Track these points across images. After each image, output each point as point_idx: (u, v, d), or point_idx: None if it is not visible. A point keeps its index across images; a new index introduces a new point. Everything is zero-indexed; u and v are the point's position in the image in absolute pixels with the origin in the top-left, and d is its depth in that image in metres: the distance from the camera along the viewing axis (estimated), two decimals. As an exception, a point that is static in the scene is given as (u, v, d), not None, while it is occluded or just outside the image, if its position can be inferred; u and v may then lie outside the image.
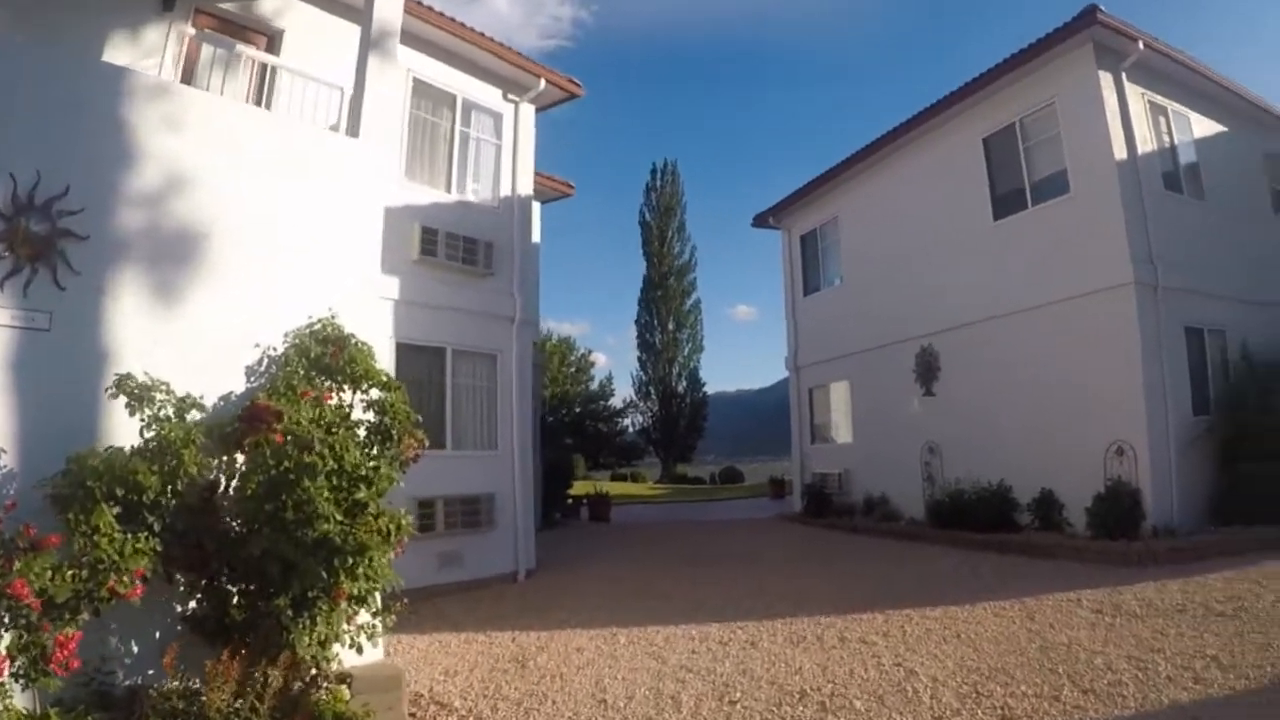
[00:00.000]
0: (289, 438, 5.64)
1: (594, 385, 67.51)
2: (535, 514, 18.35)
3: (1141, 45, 13.18)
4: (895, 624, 8.45)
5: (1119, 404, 12.67)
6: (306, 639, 5.47)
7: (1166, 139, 14.18)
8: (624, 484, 49.79)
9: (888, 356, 17.61)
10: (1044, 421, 13.81)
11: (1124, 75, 13.46)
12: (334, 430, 6.06)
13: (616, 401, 66.58)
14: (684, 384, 63.03)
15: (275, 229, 6.75)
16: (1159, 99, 14.17)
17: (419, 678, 7.31)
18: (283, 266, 6.73)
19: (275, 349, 6.47)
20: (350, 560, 5.66)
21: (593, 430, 64.12)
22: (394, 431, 6.53)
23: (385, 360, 11.20)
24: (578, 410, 65.04)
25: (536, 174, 19.23)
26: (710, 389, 67.40)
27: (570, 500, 22.36)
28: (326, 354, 6.46)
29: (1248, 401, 12.82)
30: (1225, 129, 15.33)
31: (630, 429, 65.16)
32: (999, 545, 12.92)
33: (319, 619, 5.60)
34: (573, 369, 67.05)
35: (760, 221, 22.17)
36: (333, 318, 6.66)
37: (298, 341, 6.48)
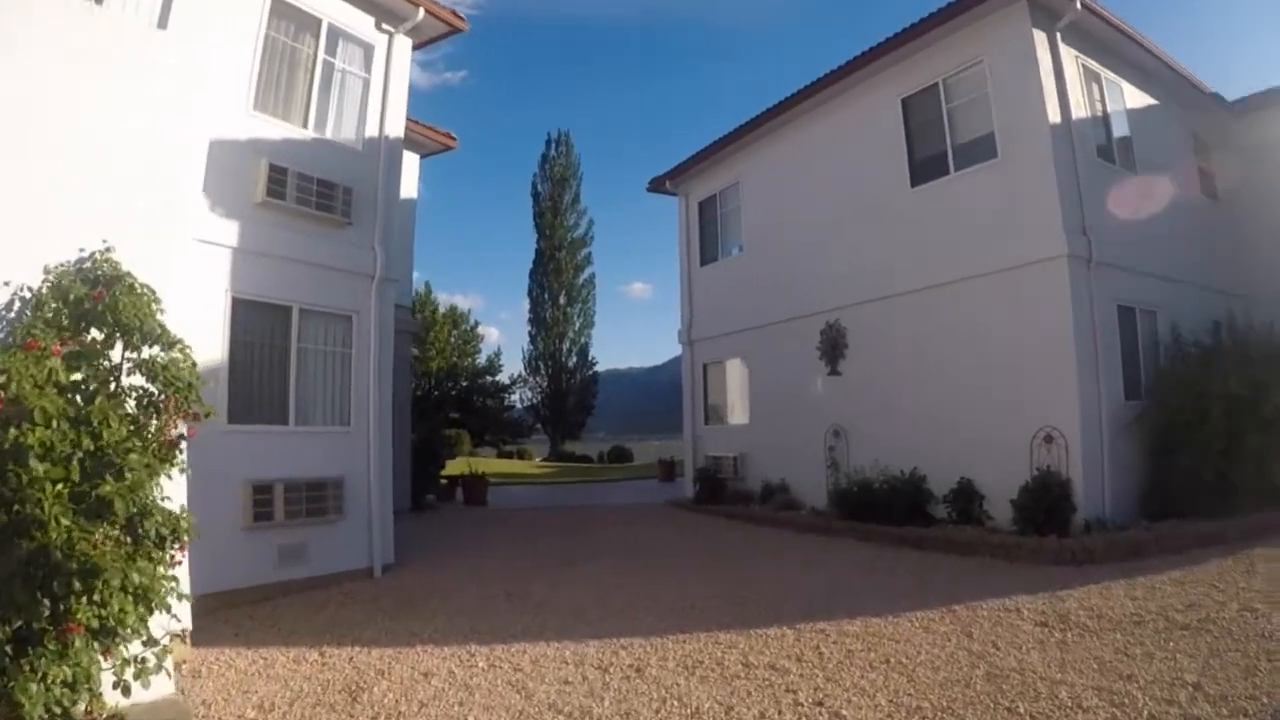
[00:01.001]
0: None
1: (483, 359, 65.83)
2: (404, 497, 16.72)
3: (1078, 5, 11.81)
4: (809, 643, 6.88)
5: (1049, 387, 11.35)
6: (33, 687, 4.09)
7: (1099, 107, 12.93)
8: (510, 462, 48.06)
9: (790, 332, 16.07)
10: (964, 406, 12.46)
11: (1059, 36, 12.13)
12: (81, 398, 4.71)
13: (506, 377, 65.28)
14: (574, 360, 61.61)
15: (41, 132, 5.26)
16: (1093, 64, 12.90)
17: (224, 716, 5.50)
18: (50, 183, 5.37)
19: (29, 289, 5.00)
20: (78, 582, 4.19)
21: (480, 406, 62.38)
22: (162, 403, 4.85)
23: (217, 317, 9.35)
24: (465, 384, 63.19)
25: (415, 123, 17.25)
26: (603, 366, 66.54)
27: (445, 481, 20.41)
28: (88, 297, 4.83)
29: (1181, 387, 11.66)
30: (1156, 102, 14.20)
31: (519, 405, 63.69)
32: (915, 540, 11.49)
33: (47, 660, 4.15)
34: (462, 341, 65.16)
35: (656, 186, 20.40)
36: (107, 251, 5.19)
37: (57, 280, 4.99)
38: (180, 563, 4.90)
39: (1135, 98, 13.75)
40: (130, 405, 4.87)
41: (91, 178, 5.55)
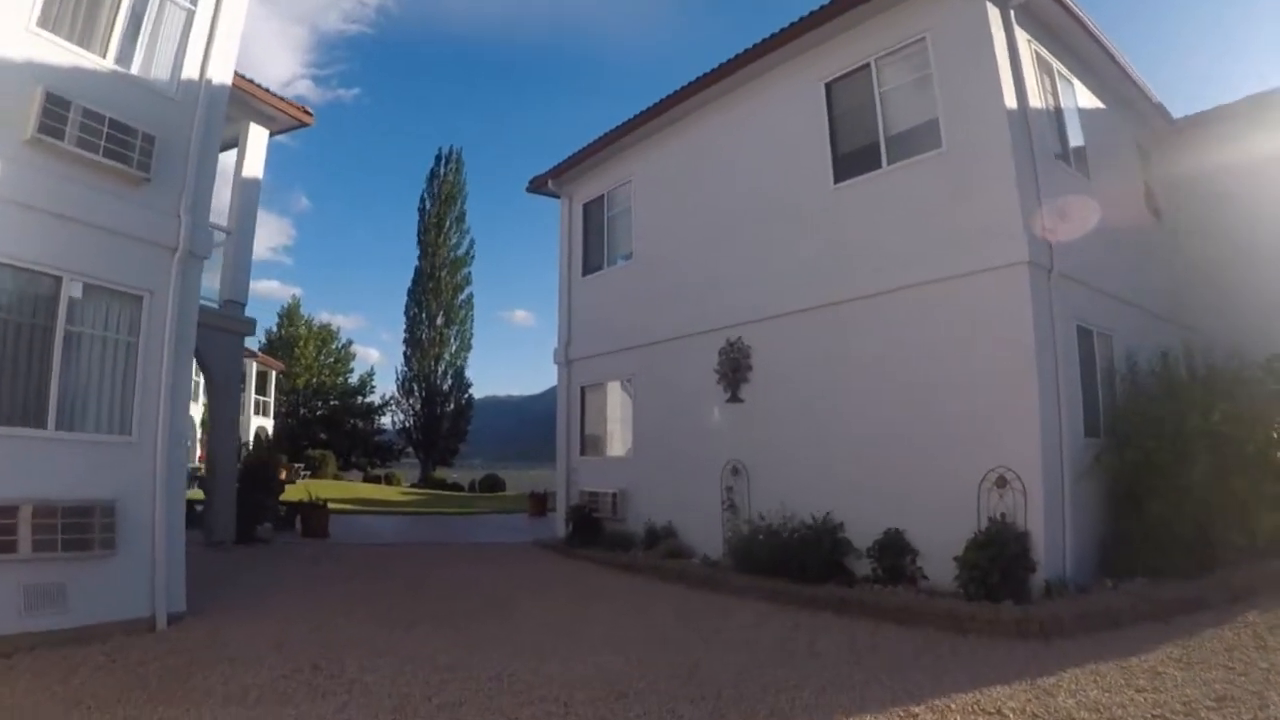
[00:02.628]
0: None
1: (354, 379, 62.34)
2: (229, 527, 13.70)
3: (1035, -22, 9.83)
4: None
5: (1003, 420, 9.07)
6: None
7: (1053, 101, 10.87)
8: (375, 487, 44.66)
9: (683, 351, 13.55)
10: (894, 441, 10.07)
11: (1012, 15, 10.08)
12: None
13: (378, 398, 62.00)
14: (450, 382, 58.65)
15: None
16: (1046, 55, 10.87)
17: None
18: None
19: None
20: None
21: (350, 427, 58.92)
22: None
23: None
24: (334, 404, 59.68)
25: (267, 93, 14.46)
26: (482, 393, 64.24)
27: (285, 510, 17.22)
28: None
29: (1149, 424, 9.53)
30: (1104, 107, 12.27)
31: (391, 428, 60.35)
32: (835, 603, 9.01)
33: None
34: (332, 360, 61.56)
35: (537, 185, 17.63)
36: None
37: None
38: None
39: (1086, 98, 11.78)
40: None
41: None
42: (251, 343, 58.13)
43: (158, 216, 8.44)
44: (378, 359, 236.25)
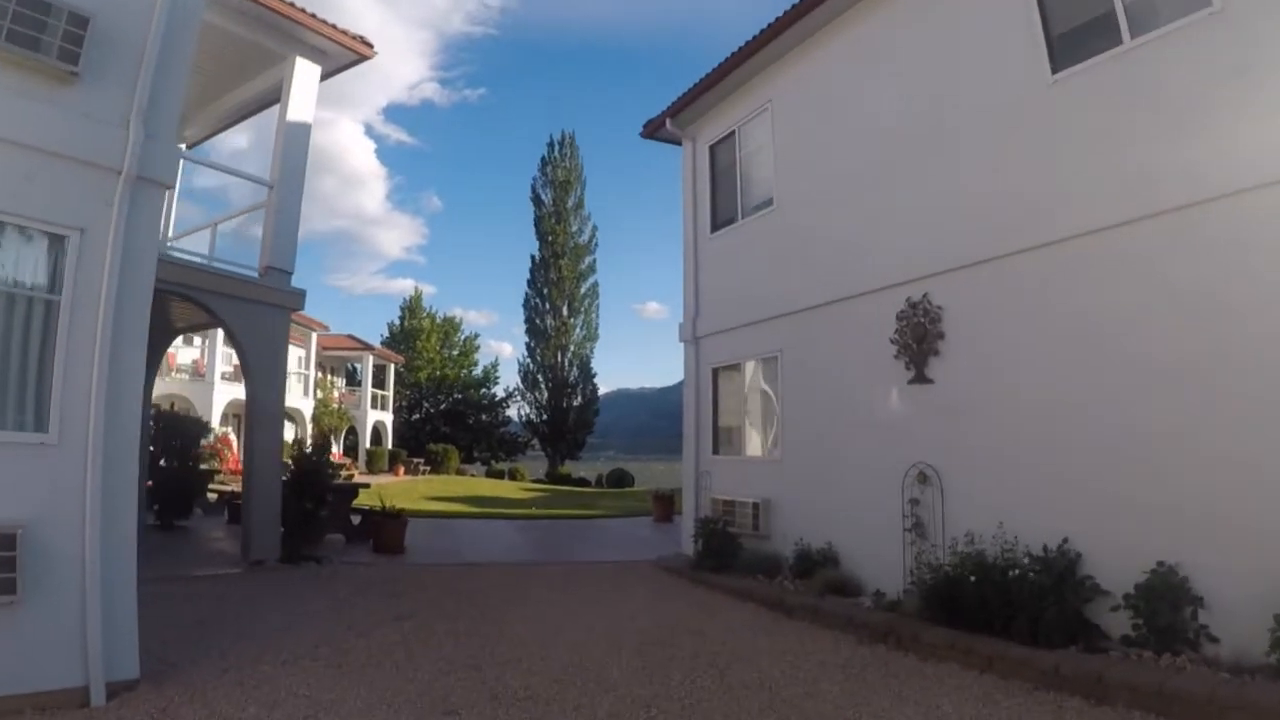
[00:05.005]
0: None
1: (478, 371, 60.84)
2: (273, 545, 11.10)
3: None
4: None
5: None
6: None
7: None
8: (496, 483, 42.63)
9: (846, 318, 10.37)
10: (1165, 437, 6.72)
11: None
12: None
13: (502, 390, 60.39)
14: (575, 374, 56.62)
15: None
16: None
17: None
18: None
19: None
20: None
21: (473, 420, 57.36)
22: None
23: None
24: (457, 397, 58.20)
25: (313, 18, 11.87)
26: (614, 385, 62.55)
27: (360, 519, 14.59)
28: None
29: None
30: None
31: (516, 421, 58.66)
32: (1088, 685, 5.95)
33: None
34: (455, 352, 60.14)
35: (654, 129, 14.58)
36: None
37: None
38: None
39: None
40: None
41: None
42: (373, 336, 57.55)
43: (92, 126, 5.95)
44: (510, 354, 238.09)
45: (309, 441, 13.49)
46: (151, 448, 15.13)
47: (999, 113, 8.61)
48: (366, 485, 16.59)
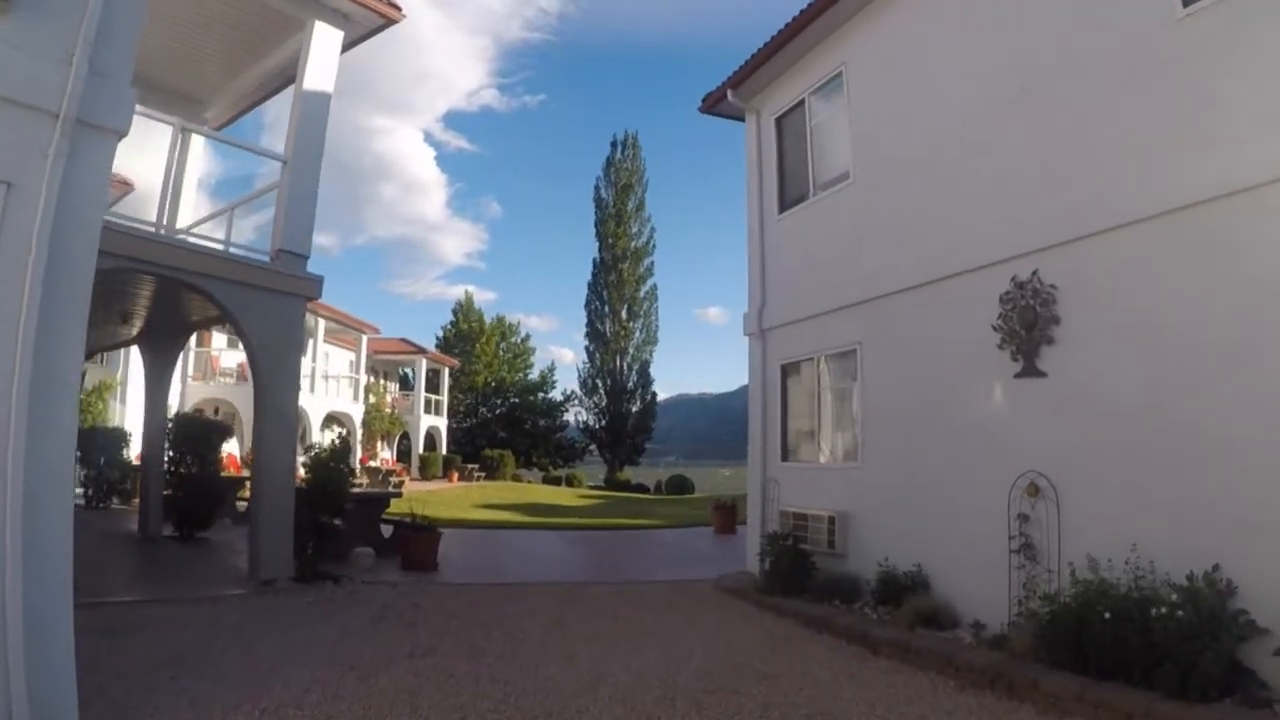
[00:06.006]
0: None
1: (534, 375, 59.93)
2: (283, 561, 9.92)
3: None
4: None
5: None
6: None
7: None
8: (552, 489, 41.76)
9: (936, 303, 9.00)
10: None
11: None
12: None
13: (559, 394, 59.43)
14: (634, 378, 55.68)
15: None
16: None
17: None
18: None
19: None
20: None
21: (530, 425, 56.42)
22: None
23: None
24: (514, 401, 57.32)
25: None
26: (674, 390, 61.64)
27: (396, 529, 13.41)
28: None
29: None
30: None
31: (575, 425, 57.72)
32: None
33: None
34: (511, 355, 59.30)
35: (713, 101, 13.24)
36: None
37: None
38: None
39: None
40: None
41: None
42: (427, 339, 57.02)
43: (23, 60, 4.87)
44: (572, 359, 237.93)
45: (325, 446, 12.23)
46: (171, 453, 14.18)
47: (1120, 56, 7.19)
48: (398, 494, 15.38)
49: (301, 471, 12.17)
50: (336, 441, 12.59)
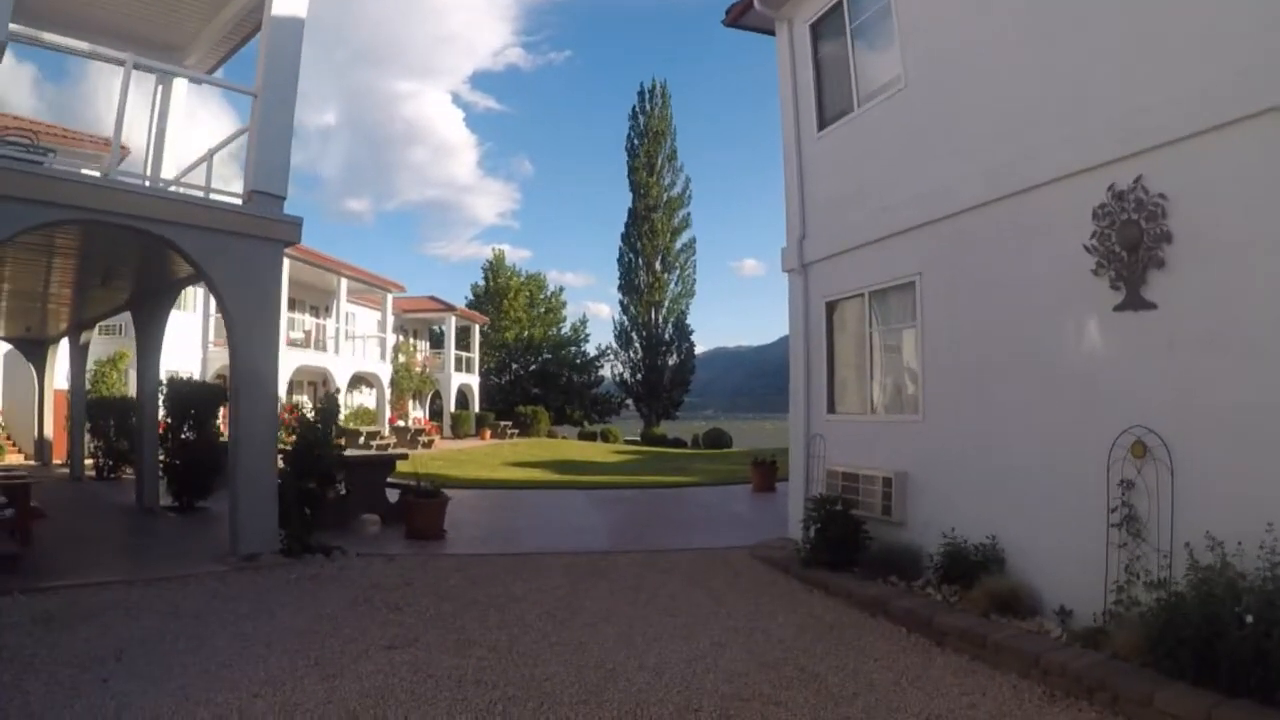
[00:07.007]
0: None
1: (566, 329, 58.88)
2: (267, 533, 9.10)
3: None
4: None
5: None
6: None
7: None
8: (587, 445, 40.85)
9: (1013, 221, 7.48)
10: None
11: None
12: None
13: (592, 348, 58.36)
14: (671, 331, 54.67)
15: None
16: None
17: None
18: None
19: None
20: None
21: (565, 381, 55.40)
22: None
23: None
24: (547, 357, 56.29)
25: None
26: (711, 344, 61.14)
27: (407, 489, 12.20)
28: None
29: None
30: None
31: (611, 379, 56.85)
32: None
33: None
34: (543, 310, 58.21)
35: (738, 14, 11.54)
36: None
37: None
38: None
39: None
40: None
41: None
42: (457, 297, 56.05)
43: None
44: (608, 315, 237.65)
45: (311, 407, 11.06)
46: (168, 419, 13.13)
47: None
48: (404, 455, 14.16)
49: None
50: (321, 402, 11.36)
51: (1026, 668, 5.63)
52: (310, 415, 10.80)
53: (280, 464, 10.21)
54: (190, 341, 26.97)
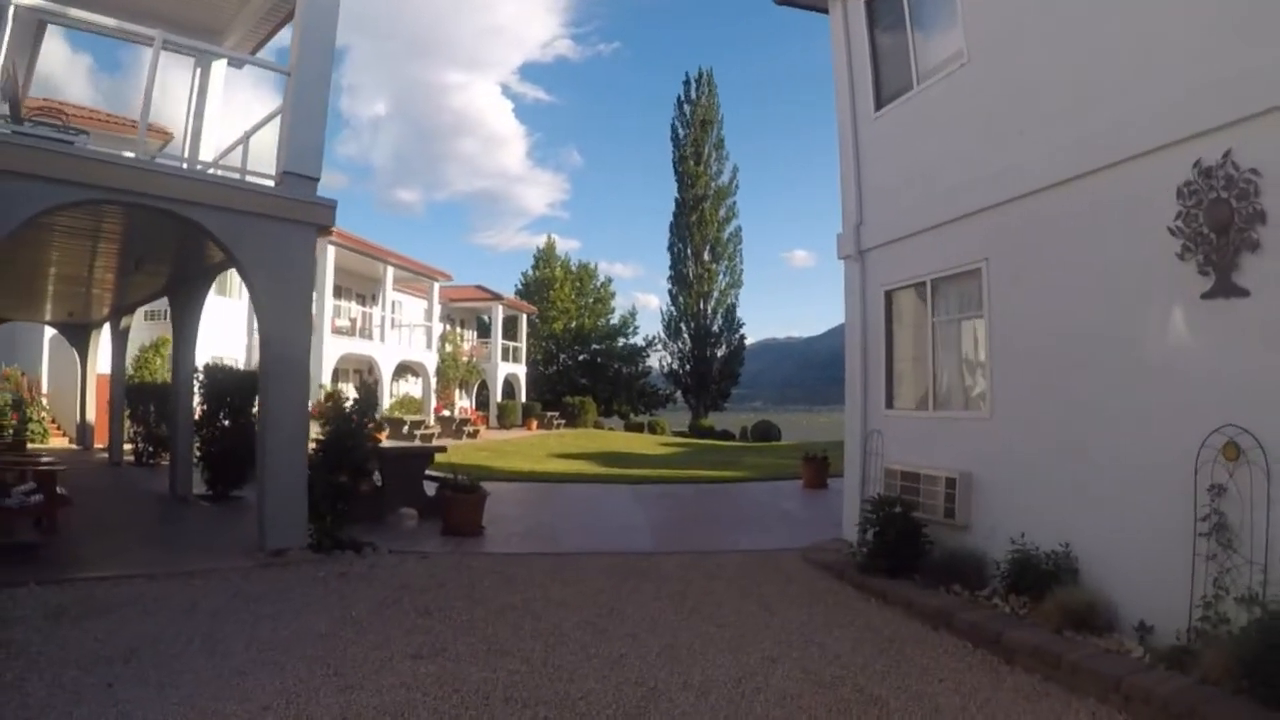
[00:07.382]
0: None
1: (615, 319, 58.55)
2: (295, 527, 9.24)
3: None
4: None
5: None
6: None
7: None
8: (634, 436, 40.51)
9: (1088, 202, 6.91)
10: None
11: None
12: None
13: (641, 339, 58.02)
14: (720, 322, 54.26)
15: None
16: None
17: None
18: None
19: None
20: None
21: (613, 372, 55.15)
22: None
23: None
24: (595, 347, 56.05)
25: None
26: (761, 335, 60.74)
27: (444, 483, 11.92)
28: None
29: None
30: None
31: (659, 370, 56.52)
32: None
33: None
34: (591, 299, 57.90)
35: (790, -13, 11.27)
36: None
37: None
38: None
39: None
40: None
41: None
42: (507, 286, 55.98)
43: None
44: (657, 306, 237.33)
45: (348, 396, 10.74)
46: (204, 406, 12.97)
47: None
48: (442, 448, 13.90)
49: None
50: (359, 390, 11.04)
51: (1105, 691, 5.14)
52: (347, 405, 10.49)
53: (312, 454, 9.96)
54: (235, 328, 27.08)
